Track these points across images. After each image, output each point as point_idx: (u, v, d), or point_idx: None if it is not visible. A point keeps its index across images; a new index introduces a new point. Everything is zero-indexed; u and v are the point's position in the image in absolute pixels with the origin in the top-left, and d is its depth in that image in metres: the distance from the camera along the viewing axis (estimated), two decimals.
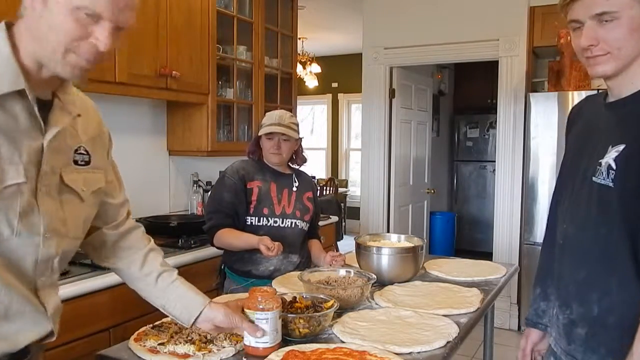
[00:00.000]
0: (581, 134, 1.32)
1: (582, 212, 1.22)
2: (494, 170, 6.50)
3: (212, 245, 2.16)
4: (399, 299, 1.81)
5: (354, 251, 2.47)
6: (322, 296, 1.58)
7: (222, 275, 2.25)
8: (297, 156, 2.32)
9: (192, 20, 2.78)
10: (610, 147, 1.16)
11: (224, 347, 1.35)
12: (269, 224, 2.16)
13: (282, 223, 2.19)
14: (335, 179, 7.45)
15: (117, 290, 2.08)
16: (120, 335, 2.08)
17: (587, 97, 1.43)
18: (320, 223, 3.53)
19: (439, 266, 2.25)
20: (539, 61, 4.48)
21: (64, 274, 2.00)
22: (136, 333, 1.45)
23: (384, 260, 1.97)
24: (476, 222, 6.62)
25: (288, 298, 1.59)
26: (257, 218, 2.16)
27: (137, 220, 2.85)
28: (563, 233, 1.29)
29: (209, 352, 1.33)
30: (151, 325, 1.50)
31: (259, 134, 2.20)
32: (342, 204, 7.33)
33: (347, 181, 8.56)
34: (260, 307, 1.33)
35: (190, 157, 3.21)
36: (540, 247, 1.52)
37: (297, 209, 2.24)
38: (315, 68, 7.12)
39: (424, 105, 5.26)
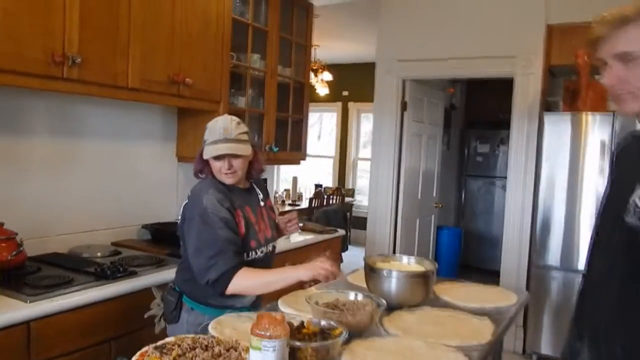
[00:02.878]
0: (622, 167, 1.28)
1: (612, 252, 1.17)
2: (504, 186, 6.47)
3: (222, 293, 1.75)
4: (408, 326, 1.76)
5: (363, 271, 2.43)
6: (330, 323, 1.53)
7: (178, 306, 1.88)
8: (254, 167, 1.97)
9: (207, 27, 2.75)
10: (638, 184, 1.12)
11: None
12: (257, 257, 1.89)
13: (267, 249, 1.96)
14: (342, 189, 7.40)
15: (119, 301, 2.04)
16: (122, 348, 2.04)
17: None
18: (327, 237, 3.51)
19: (448, 290, 2.19)
20: (555, 80, 4.42)
21: (68, 283, 1.97)
22: (138, 354, 1.41)
23: (394, 283, 1.92)
24: (483, 238, 6.55)
25: (295, 322, 1.54)
26: (245, 254, 1.85)
27: (143, 227, 2.85)
28: (595, 271, 1.25)
29: None
30: (154, 345, 1.46)
31: (204, 158, 1.85)
32: (348, 214, 7.27)
33: (353, 190, 8.51)
34: (268, 334, 1.28)
35: None
36: (549, 271, 1.47)
37: (271, 227, 2.03)
38: (327, 76, 7.09)
39: (435, 119, 5.21)
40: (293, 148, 3.73)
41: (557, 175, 3.90)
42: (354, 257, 6.57)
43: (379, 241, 4.74)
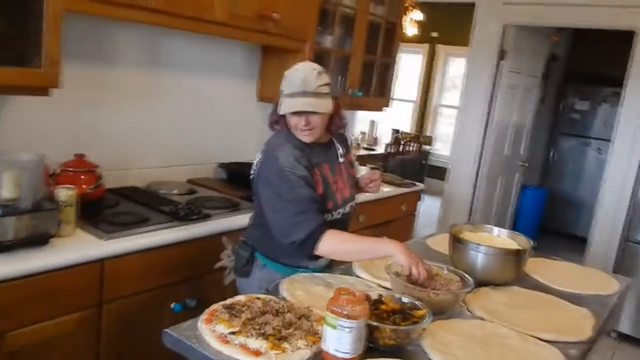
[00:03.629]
0: None
1: None
2: (599, 148, 5.97)
3: (310, 255, 1.61)
4: (495, 308, 1.59)
5: (443, 235, 2.26)
6: (412, 301, 1.39)
7: (250, 261, 1.80)
8: (334, 122, 1.76)
9: None
10: None
11: (298, 348, 1.21)
12: (334, 219, 1.74)
13: (345, 210, 1.81)
14: (420, 136, 7.10)
15: (191, 244, 2.01)
16: (192, 291, 2.03)
17: None
18: (404, 190, 3.33)
19: (539, 267, 1.99)
20: None
21: (144, 222, 1.94)
22: (207, 312, 1.34)
23: (484, 259, 1.74)
24: (568, 201, 6.13)
25: (374, 295, 1.42)
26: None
27: (219, 166, 2.80)
28: None
29: (283, 351, 1.19)
30: (223, 304, 1.39)
31: (280, 113, 1.67)
32: (424, 161, 7.00)
33: (432, 138, 8.17)
34: (345, 313, 1.16)
35: None
36: None
37: (350, 186, 1.86)
38: (418, 15, 6.64)
39: (534, 70, 4.77)
40: (377, 93, 3.52)
41: None
42: (428, 207, 6.39)
43: (458, 196, 4.51)
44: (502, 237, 1.94)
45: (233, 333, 1.23)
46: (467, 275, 1.61)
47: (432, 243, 2.22)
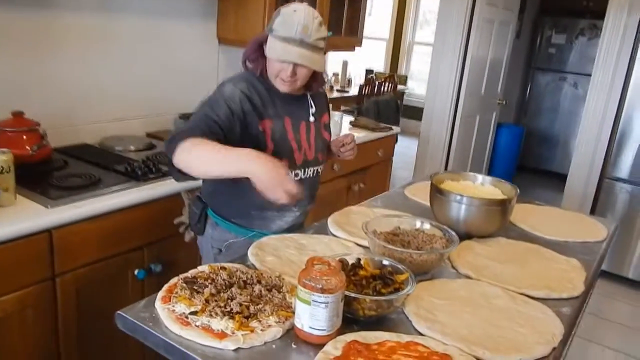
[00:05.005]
0: None
1: None
2: (575, 83, 5.87)
3: (171, 166, 1.38)
4: (480, 263, 1.49)
5: (420, 184, 2.14)
6: (393, 264, 1.27)
7: (203, 218, 1.65)
8: (316, 79, 1.62)
9: None
10: None
11: (269, 326, 1.08)
12: None
13: (304, 174, 1.63)
14: (395, 75, 6.88)
15: (151, 206, 1.84)
16: (155, 255, 1.88)
17: None
18: (380, 135, 3.18)
19: (525, 216, 1.89)
20: None
21: (95, 184, 1.76)
22: (165, 288, 1.19)
23: (467, 211, 1.62)
24: (545, 138, 6.08)
25: (351, 259, 1.28)
26: None
27: (180, 117, 2.59)
28: None
29: (251, 331, 1.06)
30: (183, 277, 1.24)
31: (267, 55, 1.49)
32: (399, 102, 6.83)
33: (406, 77, 7.96)
34: (319, 286, 1.03)
35: (243, 49, 2.81)
36: (623, 185, 1.13)
37: (319, 150, 1.67)
38: None
39: (510, 3, 4.55)
40: (348, 32, 3.29)
41: None
42: (404, 148, 6.27)
43: (434, 137, 4.38)
44: (485, 186, 1.82)
45: (194, 313, 1.09)
46: (450, 230, 1.48)
47: (410, 193, 2.09)
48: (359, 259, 1.29)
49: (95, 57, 2.23)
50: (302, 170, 1.63)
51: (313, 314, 1.04)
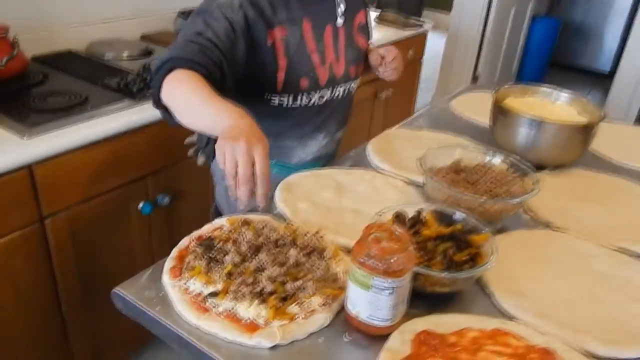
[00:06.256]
0: None
1: None
2: None
3: (159, 106, 1.03)
4: (560, 205, 1.20)
5: (471, 95, 1.82)
6: (466, 218, 0.98)
7: (213, 143, 1.31)
8: None
9: None
10: None
11: (312, 311, 0.82)
12: (311, 103, 1.26)
13: (332, 94, 1.30)
14: None
15: (151, 129, 1.53)
16: (162, 185, 1.61)
17: None
18: (411, 32, 2.77)
19: (600, 138, 1.57)
20: None
21: (81, 105, 1.45)
22: (174, 255, 0.92)
23: (539, 137, 1.31)
24: (580, 30, 5.53)
25: (408, 212, 1.00)
26: (291, 96, 1.22)
27: (180, 15, 2.19)
28: None
29: (290, 319, 0.81)
30: (197, 236, 0.97)
31: None
32: None
33: None
34: (382, 267, 0.75)
35: None
36: None
37: (350, 62, 1.31)
38: None
39: None
40: None
41: None
42: (429, 46, 5.77)
43: (464, 31, 3.93)
44: (560, 102, 1.48)
45: (215, 294, 0.83)
46: (529, 166, 1.18)
47: (458, 107, 1.76)
48: (419, 212, 1.00)
49: None
50: (330, 91, 1.29)
51: (373, 302, 0.78)
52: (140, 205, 1.58)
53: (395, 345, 0.79)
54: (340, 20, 1.27)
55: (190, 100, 0.96)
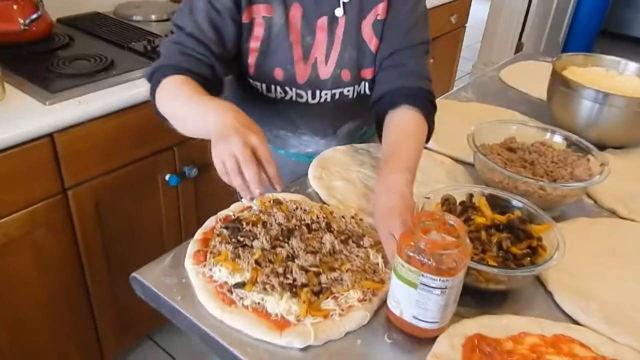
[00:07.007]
0: None
1: None
2: None
3: (158, 114, 0.94)
4: (626, 189, 1.08)
5: (523, 65, 1.68)
6: (525, 204, 0.87)
7: None
8: None
9: None
10: None
11: (349, 307, 0.74)
12: (288, 97, 1.08)
13: (314, 98, 1.09)
14: None
15: None
16: (188, 156, 1.53)
17: None
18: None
19: None
20: None
21: (106, 70, 1.37)
22: (198, 237, 0.84)
23: (604, 112, 1.17)
24: None
25: (457, 196, 0.89)
26: (264, 85, 1.06)
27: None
28: None
29: (325, 317, 0.72)
30: (224, 217, 0.89)
31: None
32: None
33: None
34: (434, 264, 0.65)
35: None
36: None
37: (345, 64, 1.06)
38: None
39: None
40: None
41: None
42: (476, 12, 5.50)
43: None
44: (627, 75, 1.33)
45: (241, 285, 0.75)
46: (587, 144, 1.05)
47: (507, 77, 1.62)
48: (471, 196, 0.89)
49: None
50: (310, 93, 1.08)
51: (420, 302, 0.68)
52: (167, 176, 1.51)
53: (444, 350, 0.69)
54: (339, 12, 1.02)
55: (176, 108, 0.89)
